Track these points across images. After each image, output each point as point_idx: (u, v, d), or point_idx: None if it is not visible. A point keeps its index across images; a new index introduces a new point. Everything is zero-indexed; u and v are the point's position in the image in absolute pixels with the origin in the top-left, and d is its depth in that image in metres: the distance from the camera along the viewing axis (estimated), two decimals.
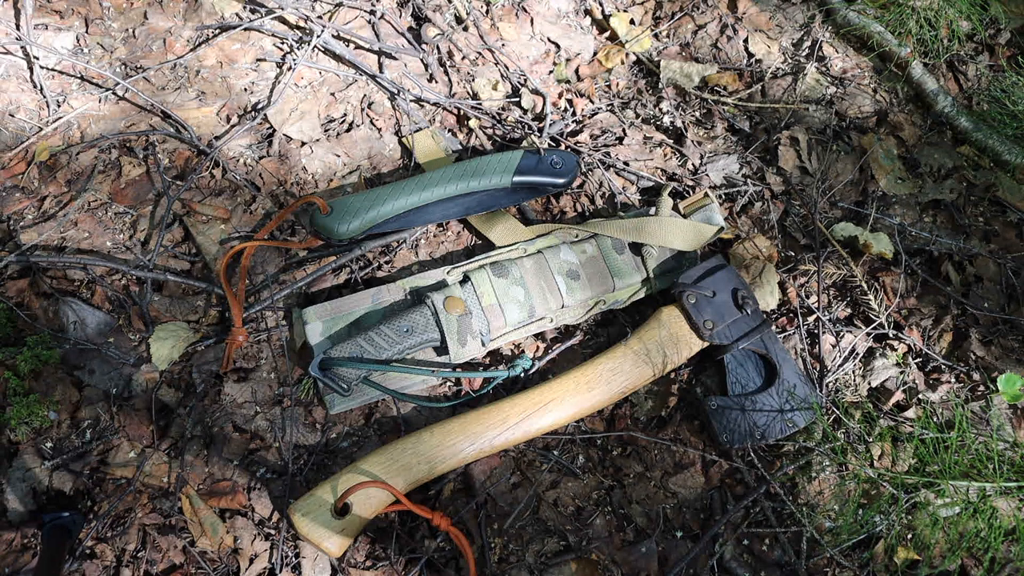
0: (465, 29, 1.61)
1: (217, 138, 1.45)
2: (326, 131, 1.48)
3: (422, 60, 1.56)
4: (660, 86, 1.59)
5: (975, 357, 1.31)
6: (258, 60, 1.54)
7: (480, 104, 1.52)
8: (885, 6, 1.66)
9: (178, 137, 1.44)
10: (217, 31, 1.56)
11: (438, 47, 1.58)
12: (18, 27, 1.50)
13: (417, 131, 1.48)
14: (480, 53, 1.59)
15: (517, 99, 1.54)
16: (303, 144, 1.46)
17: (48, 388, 1.21)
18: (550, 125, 1.50)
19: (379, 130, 1.49)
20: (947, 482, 1.08)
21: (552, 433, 1.22)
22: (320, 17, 1.56)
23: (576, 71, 1.63)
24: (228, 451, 1.19)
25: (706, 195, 1.37)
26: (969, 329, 1.34)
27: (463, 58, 1.58)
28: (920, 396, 1.27)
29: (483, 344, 1.23)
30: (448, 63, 1.57)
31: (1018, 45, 1.70)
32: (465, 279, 1.27)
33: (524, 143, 1.48)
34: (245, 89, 1.51)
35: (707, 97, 1.57)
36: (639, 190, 1.47)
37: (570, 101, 1.57)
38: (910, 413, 1.25)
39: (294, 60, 1.51)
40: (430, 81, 1.56)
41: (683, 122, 1.54)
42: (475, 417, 1.15)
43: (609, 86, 1.61)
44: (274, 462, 1.19)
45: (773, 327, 1.30)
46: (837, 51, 1.66)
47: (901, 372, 1.30)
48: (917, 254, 1.43)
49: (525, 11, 1.66)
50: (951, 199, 1.49)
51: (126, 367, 1.24)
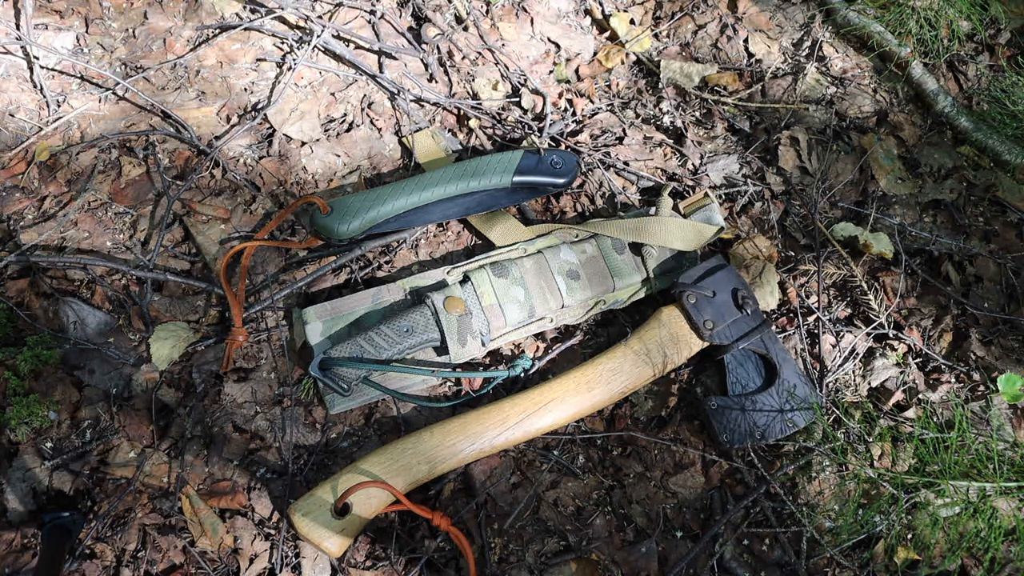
0: (465, 29, 1.61)
1: (217, 138, 1.45)
2: (326, 131, 1.48)
3: (422, 60, 1.56)
4: (660, 86, 1.58)
5: (975, 357, 1.31)
6: (258, 60, 1.54)
7: (480, 104, 1.52)
8: (885, 6, 1.66)
9: (178, 137, 1.44)
10: (217, 31, 1.56)
11: (438, 47, 1.58)
12: (18, 27, 1.49)
13: (417, 131, 1.48)
14: (480, 53, 1.59)
15: (517, 99, 1.54)
16: (303, 144, 1.46)
17: (48, 388, 1.21)
18: (550, 125, 1.50)
19: (379, 130, 1.49)
20: (947, 482, 1.08)
21: (552, 433, 1.22)
22: (320, 17, 1.56)
23: (576, 71, 1.63)
24: (228, 451, 1.19)
25: (706, 195, 1.37)
26: (969, 329, 1.34)
27: (463, 58, 1.58)
28: (920, 396, 1.27)
29: (483, 344, 1.23)
30: (448, 63, 1.57)
31: (1018, 45, 1.70)
32: (465, 279, 1.27)
33: (524, 143, 1.48)
34: (245, 89, 1.51)
35: (707, 97, 1.57)
36: (639, 190, 1.47)
37: (570, 101, 1.57)
38: (910, 413, 1.25)
39: (294, 60, 1.51)
40: (430, 81, 1.56)
41: (683, 122, 1.54)
42: (475, 417, 1.15)
43: (609, 86, 1.61)
44: (274, 462, 1.19)
45: (773, 327, 1.30)
46: (837, 51, 1.66)
47: (901, 372, 1.30)
48: (917, 254, 1.43)
49: (525, 11, 1.66)
50: (951, 199, 1.49)
51: (126, 367, 1.24)
